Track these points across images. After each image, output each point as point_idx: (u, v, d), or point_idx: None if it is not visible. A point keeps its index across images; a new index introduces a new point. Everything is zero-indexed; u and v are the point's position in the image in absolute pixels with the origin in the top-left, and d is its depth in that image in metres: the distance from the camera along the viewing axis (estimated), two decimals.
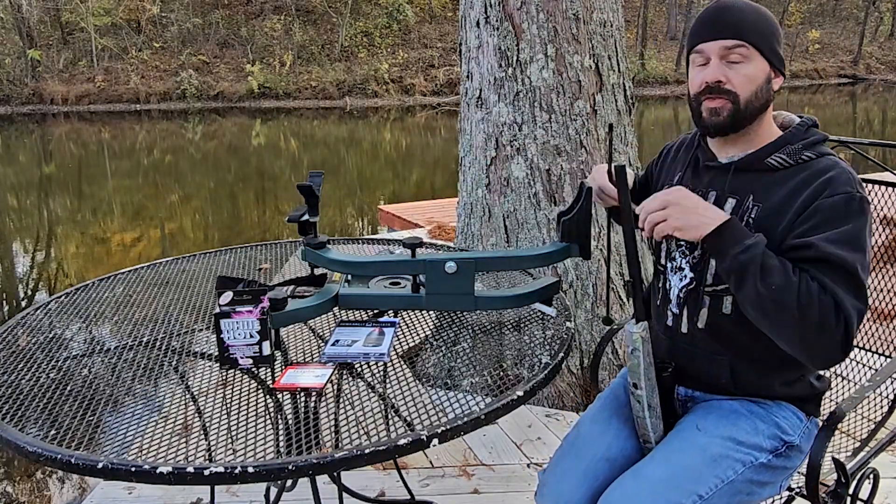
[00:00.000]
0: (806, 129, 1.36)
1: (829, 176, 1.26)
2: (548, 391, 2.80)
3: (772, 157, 1.33)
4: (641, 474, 1.31)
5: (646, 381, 1.32)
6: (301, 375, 1.34)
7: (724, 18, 1.31)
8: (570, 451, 1.44)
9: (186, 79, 21.44)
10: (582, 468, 1.39)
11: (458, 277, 1.52)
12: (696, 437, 1.35)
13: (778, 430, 1.38)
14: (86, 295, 1.84)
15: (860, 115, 19.35)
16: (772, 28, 1.33)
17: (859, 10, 29.25)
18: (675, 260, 1.44)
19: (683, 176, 1.46)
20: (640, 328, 1.31)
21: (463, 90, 3.00)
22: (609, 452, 1.41)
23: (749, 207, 1.32)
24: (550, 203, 2.78)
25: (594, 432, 1.46)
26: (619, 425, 1.45)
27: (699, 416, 1.41)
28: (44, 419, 1.22)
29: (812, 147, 1.33)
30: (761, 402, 1.40)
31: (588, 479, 1.38)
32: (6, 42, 21.50)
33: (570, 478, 1.39)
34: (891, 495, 2.15)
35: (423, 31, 24.93)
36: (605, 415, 1.49)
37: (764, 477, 1.37)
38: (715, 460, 1.31)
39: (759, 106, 1.33)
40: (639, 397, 1.34)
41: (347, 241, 2.26)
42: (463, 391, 1.28)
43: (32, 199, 10.69)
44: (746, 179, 1.34)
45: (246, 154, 14.78)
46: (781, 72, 1.36)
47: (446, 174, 11.56)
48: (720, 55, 1.31)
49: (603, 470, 1.39)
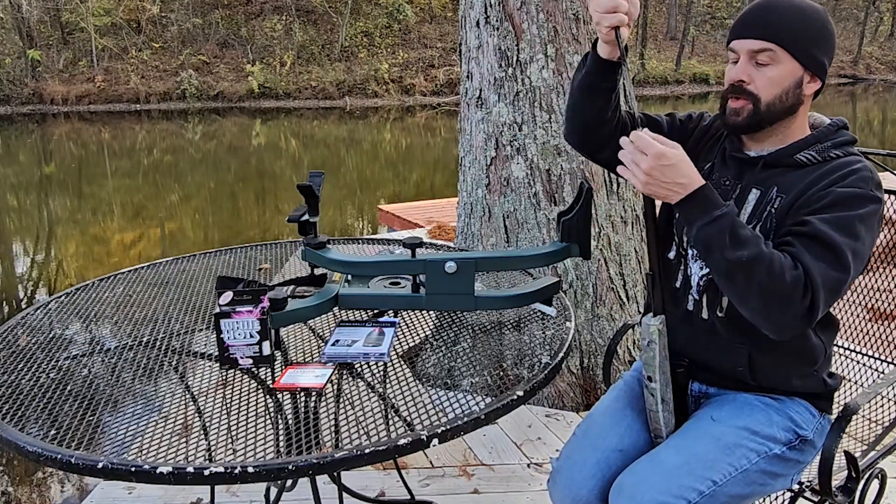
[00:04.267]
0: (836, 129, 1.37)
1: (851, 169, 1.28)
2: (548, 391, 2.80)
3: (801, 154, 1.34)
4: (656, 460, 1.32)
5: (660, 374, 1.33)
6: (301, 375, 1.34)
7: (760, 18, 1.31)
8: (584, 441, 1.46)
9: (186, 79, 21.44)
10: (595, 458, 1.41)
11: (458, 277, 1.52)
12: (710, 427, 1.36)
13: (792, 423, 1.39)
14: (86, 295, 1.84)
15: (860, 115, 19.35)
16: (813, 32, 1.31)
17: (859, 10, 29.25)
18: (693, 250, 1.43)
19: (714, 165, 1.44)
20: (657, 321, 1.31)
21: (463, 90, 3.00)
22: (622, 444, 1.43)
23: (772, 198, 1.33)
24: (550, 203, 2.78)
25: (607, 423, 1.47)
26: (632, 416, 1.47)
27: (714, 407, 1.42)
28: (44, 419, 1.22)
29: (841, 146, 1.34)
30: (776, 396, 1.41)
31: (601, 469, 1.39)
32: (6, 42, 21.49)
33: (583, 468, 1.41)
34: (891, 495, 2.15)
35: (423, 31, 24.92)
36: (619, 406, 1.50)
37: (777, 468, 1.38)
38: (730, 448, 1.33)
39: (782, 109, 1.32)
40: (653, 390, 1.34)
41: (347, 241, 2.26)
42: (463, 391, 1.28)
43: (32, 199, 10.69)
44: (774, 173, 1.35)
45: (246, 154, 14.78)
46: (819, 76, 1.33)
47: (446, 174, 11.56)
48: (749, 55, 1.31)
49: (615, 460, 1.40)
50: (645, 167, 1.22)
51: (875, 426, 1.80)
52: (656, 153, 1.21)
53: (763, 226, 1.32)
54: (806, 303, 1.19)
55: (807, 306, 1.19)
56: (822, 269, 1.20)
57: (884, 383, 1.53)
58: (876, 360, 1.93)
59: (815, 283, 1.19)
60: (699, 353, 1.44)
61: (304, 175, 9.53)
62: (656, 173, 1.22)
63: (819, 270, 1.20)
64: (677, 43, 25.80)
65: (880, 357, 1.92)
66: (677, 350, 1.46)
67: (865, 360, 1.94)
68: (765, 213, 1.33)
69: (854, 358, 1.97)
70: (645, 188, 1.25)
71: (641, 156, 1.22)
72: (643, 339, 1.32)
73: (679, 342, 1.44)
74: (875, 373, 1.93)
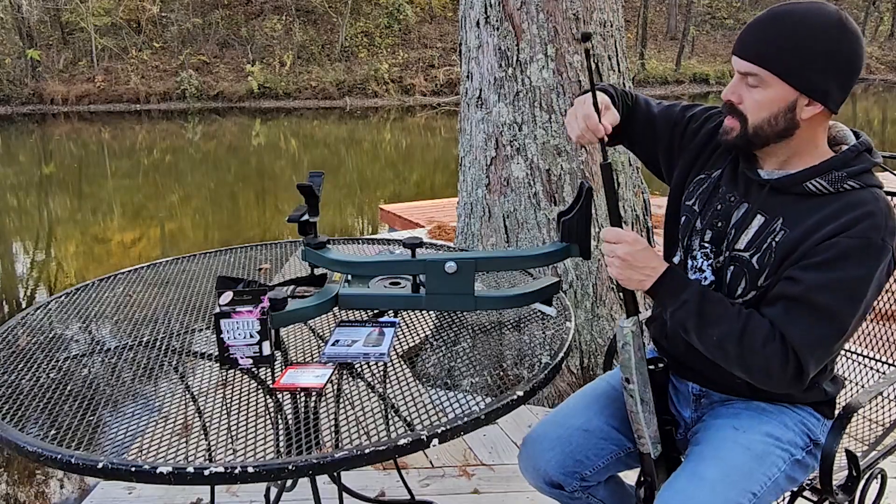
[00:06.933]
0: (857, 154, 1.26)
1: (863, 212, 1.20)
2: (548, 391, 2.80)
3: (811, 182, 1.25)
4: (696, 474, 1.30)
5: (637, 375, 1.33)
6: (301, 375, 1.34)
7: (754, 37, 1.23)
8: (552, 420, 1.51)
9: (186, 79, 21.43)
10: (557, 434, 1.47)
11: (458, 277, 1.52)
12: (737, 437, 1.35)
13: (805, 428, 1.39)
14: (86, 295, 1.84)
15: (860, 115, 19.34)
16: (812, 55, 1.19)
17: (859, 10, 29.24)
18: (697, 260, 1.41)
19: (723, 175, 1.39)
20: (630, 323, 1.31)
21: (463, 90, 2.99)
22: (588, 425, 1.47)
23: (776, 230, 1.27)
24: (550, 203, 2.78)
25: (578, 406, 1.52)
26: (603, 404, 1.51)
27: (730, 417, 1.40)
28: (44, 419, 1.22)
29: (857, 176, 1.24)
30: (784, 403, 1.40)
31: (561, 444, 1.45)
32: (6, 42, 21.49)
33: (545, 441, 1.47)
34: (891, 495, 2.15)
35: (423, 31, 24.92)
36: (593, 395, 1.55)
37: (797, 474, 1.38)
38: (761, 457, 1.32)
39: (772, 133, 1.25)
40: (631, 391, 1.34)
41: (347, 241, 2.26)
42: (463, 391, 1.28)
43: (32, 199, 10.68)
44: (781, 200, 1.28)
45: (246, 154, 14.78)
46: (821, 101, 1.22)
47: (446, 174, 11.56)
48: (741, 75, 1.26)
49: (578, 438, 1.45)
50: (622, 253, 1.28)
51: (876, 426, 1.80)
52: (632, 238, 1.28)
53: (761, 258, 1.29)
54: (790, 370, 1.21)
55: (791, 374, 1.22)
56: (806, 336, 1.20)
57: (884, 383, 1.54)
58: (877, 362, 1.93)
59: (798, 351, 1.20)
60: (698, 359, 1.43)
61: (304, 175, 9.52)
62: (630, 258, 1.28)
63: (802, 338, 1.20)
64: (677, 43, 25.79)
65: (881, 359, 1.92)
66: (677, 355, 1.46)
67: (866, 360, 1.94)
68: (765, 244, 1.28)
69: (855, 359, 1.97)
70: (621, 274, 1.29)
71: (616, 245, 1.28)
72: (618, 342, 1.32)
73: (680, 347, 1.45)
74: (876, 373, 1.93)
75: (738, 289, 1.32)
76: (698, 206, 1.41)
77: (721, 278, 1.36)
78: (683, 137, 1.47)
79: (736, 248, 1.32)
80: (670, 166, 1.50)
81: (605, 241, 1.30)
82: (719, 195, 1.38)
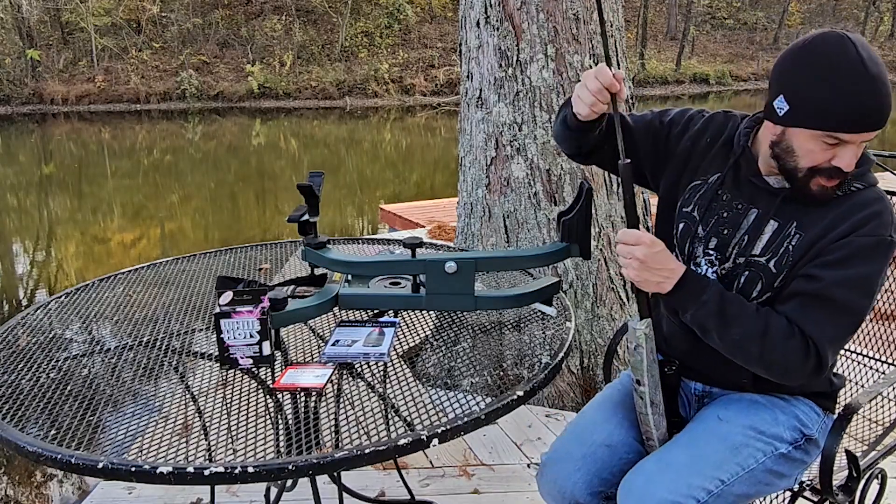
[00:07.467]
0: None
1: (870, 211, 1.25)
2: (548, 391, 2.80)
3: None
4: (664, 459, 1.32)
5: (649, 377, 1.33)
6: (301, 375, 1.34)
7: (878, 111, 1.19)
8: (572, 437, 1.46)
9: (186, 79, 21.44)
10: (582, 452, 1.41)
11: (458, 277, 1.52)
12: (717, 426, 1.37)
13: (798, 423, 1.40)
14: (86, 295, 1.84)
15: None
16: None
17: (859, 10, 29.25)
18: (701, 266, 1.41)
19: (724, 179, 1.39)
20: (643, 325, 1.31)
21: (463, 90, 3.00)
22: (610, 439, 1.43)
23: (791, 234, 1.30)
24: (550, 203, 2.78)
25: (597, 420, 1.47)
26: (623, 414, 1.47)
27: (720, 406, 1.42)
28: (44, 419, 1.22)
29: (861, 177, 1.29)
30: (781, 395, 1.42)
31: (587, 463, 1.40)
32: (6, 42, 21.50)
33: (570, 461, 1.41)
34: (891, 495, 2.15)
35: (423, 31, 24.93)
36: (610, 403, 1.50)
37: (782, 468, 1.38)
38: (737, 448, 1.33)
39: None
40: (641, 394, 1.35)
41: (348, 241, 2.26)
42: (463, 391, 1.28)
43: (32, 199, 10.68)
44: (794, 207, 1.31)
45: (246, 154, 14.78)
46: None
47: (446, 174, 11.56)
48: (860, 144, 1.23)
49: (602, 455, 1.40)
50: (640, 255, 1.26)
51: (876, 427, 1.80)
52: (650, 240, 1.26)
53: (778, 261, 1.30)
54: (810, 364, 1.24)
55: (812, 367, 1.24)
56: (825, 330, 1.23)
57: (885, 383, 1.54)
58: (877, 362, 1.93)
59: (818, 345, 1.23)
60: (702, 360, 1.44)
61: (304, 175, 9.52)
62: (648, 260, 1.26)
63: (821, 332, 1.23)
64: (677, 43, 25.81)
65: (881, 359, 1.92)
66: (679, 357, 1.46)
67: (866, 360, 1.95)
68: (781, 248, 1.30)
69: (854, 359, 1.97)
70: (639, 276, 1.27)
71: (634, 247, 1.27)
72: (630, 344, 1.32)
73: (681, 348, 1.45)
74: (876, 373, 1.93)
75: (753, 292, 1.34)
76: (698, 213, 1.40)
77: (728, 284, 1.36)
78: (668, 143, 1.47)
79: (752, 254, 1.33)
80: (655, 174, 1.50)
81: (623, 242, 1.28)
82: (723, 202, 1.38)
